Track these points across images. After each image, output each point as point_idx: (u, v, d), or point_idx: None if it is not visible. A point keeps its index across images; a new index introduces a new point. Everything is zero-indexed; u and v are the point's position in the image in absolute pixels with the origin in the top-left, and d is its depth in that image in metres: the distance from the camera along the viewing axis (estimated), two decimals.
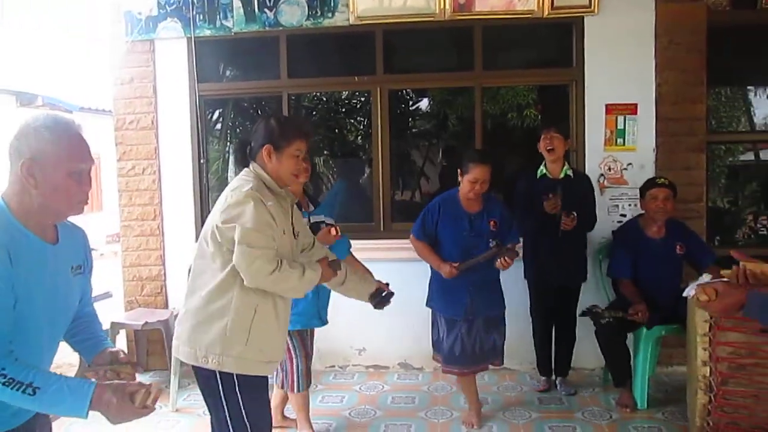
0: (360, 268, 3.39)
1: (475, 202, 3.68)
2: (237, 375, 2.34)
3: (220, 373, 2.33)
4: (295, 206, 2.58)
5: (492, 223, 3.64)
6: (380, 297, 2.78)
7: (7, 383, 1.50)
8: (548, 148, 4.08)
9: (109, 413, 1.56)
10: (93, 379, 1.66)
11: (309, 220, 3.33)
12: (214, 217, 2.34)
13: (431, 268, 3.78)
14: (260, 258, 2.24)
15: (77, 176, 1.67)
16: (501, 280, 3.78)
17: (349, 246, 3.68)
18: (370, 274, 3.14)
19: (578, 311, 4.16)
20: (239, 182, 2.39)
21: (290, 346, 3.43)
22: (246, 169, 2.46)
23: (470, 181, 3.58)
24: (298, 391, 3.49)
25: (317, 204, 3.65)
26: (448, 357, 3.71)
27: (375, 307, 2.81)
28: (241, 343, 2.31)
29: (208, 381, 2.37)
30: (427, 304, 3.86)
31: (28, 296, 1.61)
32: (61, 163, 1.64)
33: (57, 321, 1.78)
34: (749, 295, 1.86)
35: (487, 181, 3.58)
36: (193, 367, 2.38)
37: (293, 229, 2.49)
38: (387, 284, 2.89)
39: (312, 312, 3.51)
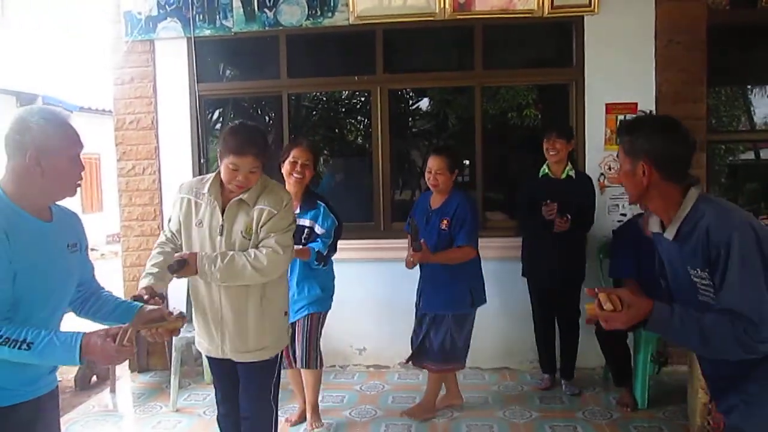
0: None
1: (439, 198, 3.80)
2: None
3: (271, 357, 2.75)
4: (241, 208, 2.62)
5: (444, 221, 3.71)
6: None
7: (3, 342, 1.68)
8: (551, 152, 4.10)
9: (96, 356, 1.75)
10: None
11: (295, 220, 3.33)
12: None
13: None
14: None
15: (77, 160, 1.90)
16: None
17: None
18: None
19: (581, 312, 4.18)
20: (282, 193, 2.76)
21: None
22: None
23: (427, 172, 3.77)
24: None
25: (311, 207, 3.60)
26: (412, 348, 3.92)
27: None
28: (279, 327, 2.79)
29: (266, 369, 2.74)
30: None
31: (28, 269, 1.76)
32: (64, 151, 1.84)
33: (57, 291, 1.92)
34: (655, 308, 1.69)
35: (441, 172, 3.70)
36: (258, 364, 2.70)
37: (222, 226, 2.59)
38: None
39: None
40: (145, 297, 2.26)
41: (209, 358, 2.84)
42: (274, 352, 2.74)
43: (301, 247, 3.43)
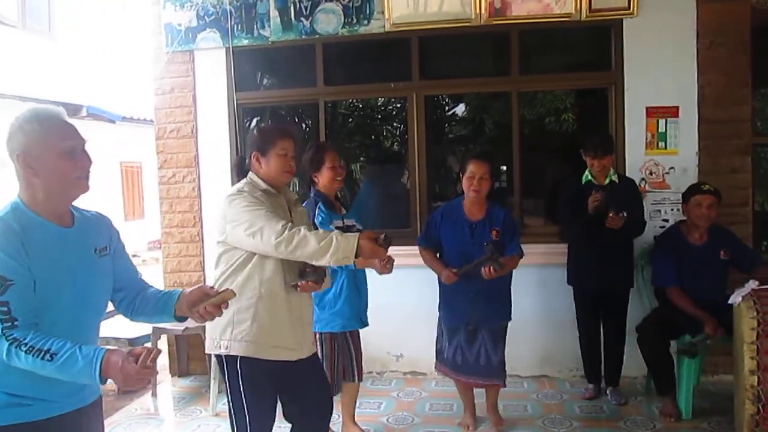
0: None
1: (478, 209, 3.67)
2: (241, 361, 2.50)
3: (226, 357, 2.52)
4: (301, 208, 2.80)
5: (494, 232, 3.60)
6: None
7: (28, 350, 1.64)
8: (598, 169, 4.04)
9: (115, 377, 1.65)
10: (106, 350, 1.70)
11: (343, 222, 3.47)
12: (218, 226, 2.57)
13: (437, 277, 3.76)
14: (265, 228, 2.37)
15: (68, 155, 1.78)
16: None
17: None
18: None
19: (629, 319, 4.14)
20: (232, 189, 2.61)
21: (325, 347, 3.45)
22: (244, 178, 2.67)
23: (468, 178, 3.60)
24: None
25: (348, 208, 3.72)
26: (452, 365, 3.71)
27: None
28: (246, 324, 2.50)
29: (222, 369, 2.57)
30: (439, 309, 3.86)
31: (49, 276, 1.73)
32: (49, 147, 1.76)
33: (84, 299, 1.84)
34: None
35: (485, 178, 3.57)
36: (216, 357, 2.58)
37: (292, 223, 2.57)
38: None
39: (353, 313, 3.52)
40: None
41: (277, 365, 2.58)
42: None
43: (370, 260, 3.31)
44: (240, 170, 2.74)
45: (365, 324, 3.64)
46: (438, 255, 3.81)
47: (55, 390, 1.78)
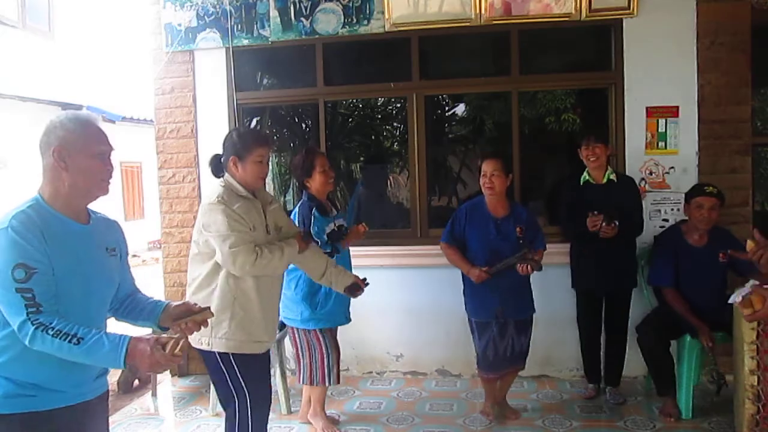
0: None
1: (501, 206, 3.77)
2: (232, 355, 2.72)
3: (218, 351, 2.71)
4: (275, 206, 2.92)
5: (518, 229, 3.71)
6: (354, 289, 3.09)
7: (55, 334, 1.72)
8: (591, 158, 4.04)
9: (142, 363, 1.74)
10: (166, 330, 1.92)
11: (335, 225, 3.65)
12: (197, 225, 2.76)
13: (461, 273, 3.82)
14: (240, 253, 2.61)
15: (100, 157, 1.92)
16: (536, 285, 3.76)
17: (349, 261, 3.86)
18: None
19: (630, 319, 4.15)
20: (209, 193, 2.79)
21: (322, 342, 3.65)
22: (219, 179, 2.82)
23: (482, 177, 3.73)
24: (328, 384, 3.71)
25: (339, 209, 3.84)
26: (482, 361, 3.79)
27: (347, 294, 3.15)
28: (225, 325, 2.68)
29: (209, 360, 2.76)
30: (465, 309, 3.89)
31: (66, 269, 1.82)
32: (85, 147, 1.89)
33: (96, 291, 1.96)
34: None
35: (498, 174, 3.68)
36: (199, 351, 2.76)
37: (267, 226, 2.81)
38: (364, 280, 3.15)
39: (340, 311, 3.71)
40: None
41: (257, 358, 2.80)
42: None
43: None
44: (216, 169, 2.87)
45: (349, 320, 3.84)
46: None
47: (61, 381, 1.84)
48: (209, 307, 2.12)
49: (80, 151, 1.88)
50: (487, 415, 3.92)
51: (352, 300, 3.52)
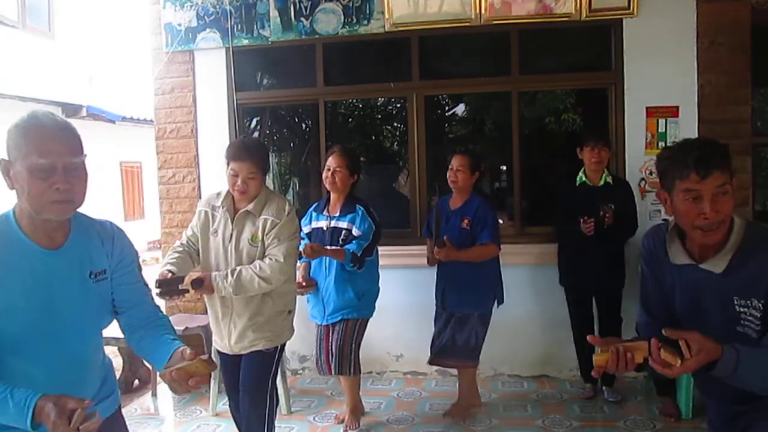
0: None
1: (458, 199, 3.92)
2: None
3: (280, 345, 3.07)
4: (248, 218, 2.94)
5: (465, 221, 3.83)
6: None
7: None
8: (593, 160, 4.04)
9: (48, 426, 1.42)
10: (37, 397, 1.45)
11: (330, 224, 3.73)
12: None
13: None
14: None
15: (41, 173, 1.54)
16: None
17: None
18: None
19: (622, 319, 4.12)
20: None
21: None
22: None
23: (449, 170, 3.91)
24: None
25: (350, 210, 3.73)
26: (432, 348, 4.02)
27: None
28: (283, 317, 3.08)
29: (263, 360, 2.97)
30: None
31: (23, 302, 1.56)
32: (23, 160, 1.54)
33: (69, 327, 1.66)
34: (725, 350, 1.54)
35: (462, 169, 3.85)
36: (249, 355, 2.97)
37: (231, 235, 2.93)
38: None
39: (316, 308, 3.85)
40: (169, 276, 2.72)
41: (219, 353, 3.13)
42: (271, 344, 2.98)
43: (337, 248, 3.60)
44: None
45: (325, 321, 3.82)
46: None
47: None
48: (205, 361, 1.66)
49: (18, 164, 1.54)
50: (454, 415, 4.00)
51: None
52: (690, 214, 1.62)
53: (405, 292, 4.64)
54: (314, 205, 3.94)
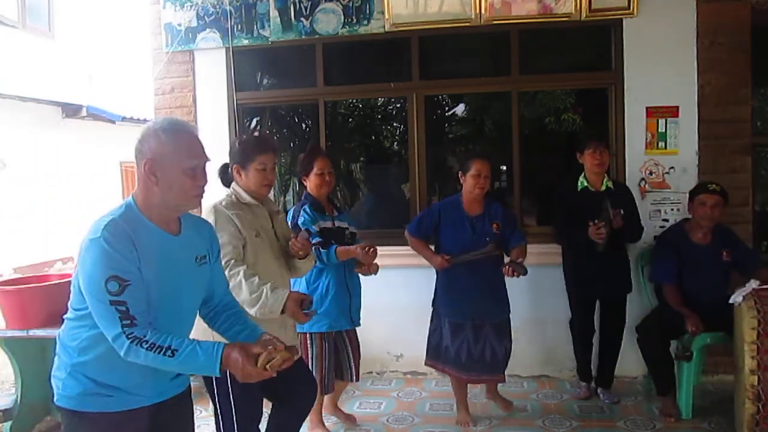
0: None
1: (477, 205, 3.79)
2: None
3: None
4: (281, 214, 2.96)
5: (495, 225, 3.74)
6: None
7: (150, 347, 1.71)
8: (596, 163, 4.02)
9: (235, 371, 1.73)
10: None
11: (333, 223, 3.60)
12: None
13: (436, 270, 3.86)
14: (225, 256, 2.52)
15: (191, 172, 1.86)
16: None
17: None
18: None
19: (627, 320, 4.15)
20: (210, 202, 2.71)
21: (316, 346, 3.53)
22: (229, 188, 2.83)
23: (474, 176, 3.73)
24: (322, 392, 3.54)
25: (341, 211, 3.78)
26: (455, 363, 3.76)
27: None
28: None
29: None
30: (432, 304, 3.92)
31: (155, 279, 1.81)
32: (176, 162, 1.84)
33: (185, 302, 1.96)
34: None
35: (488, 177, 3.73)
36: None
37: (275, 232, 2.84)
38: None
39: (339, 313, 3.56)
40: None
41: None
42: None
43: (350, 248, 3.49)
44: (223, 178, 2.91)
45: (356, 324, 3.69)
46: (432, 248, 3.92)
47: (139, 385, 1.86)
48: (288, 347, 1.83)
49: (171, 166, 1.83)
50: (466, 424, 3.85)
51: None
52: None
53: (405, 293, 4.64)
54: (306, 206, 3.60)
